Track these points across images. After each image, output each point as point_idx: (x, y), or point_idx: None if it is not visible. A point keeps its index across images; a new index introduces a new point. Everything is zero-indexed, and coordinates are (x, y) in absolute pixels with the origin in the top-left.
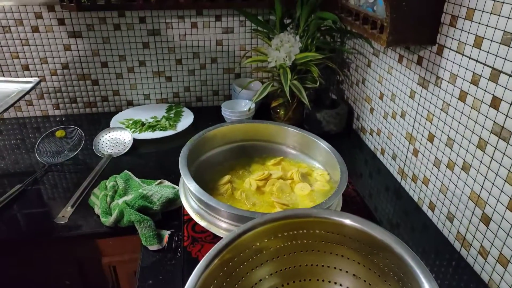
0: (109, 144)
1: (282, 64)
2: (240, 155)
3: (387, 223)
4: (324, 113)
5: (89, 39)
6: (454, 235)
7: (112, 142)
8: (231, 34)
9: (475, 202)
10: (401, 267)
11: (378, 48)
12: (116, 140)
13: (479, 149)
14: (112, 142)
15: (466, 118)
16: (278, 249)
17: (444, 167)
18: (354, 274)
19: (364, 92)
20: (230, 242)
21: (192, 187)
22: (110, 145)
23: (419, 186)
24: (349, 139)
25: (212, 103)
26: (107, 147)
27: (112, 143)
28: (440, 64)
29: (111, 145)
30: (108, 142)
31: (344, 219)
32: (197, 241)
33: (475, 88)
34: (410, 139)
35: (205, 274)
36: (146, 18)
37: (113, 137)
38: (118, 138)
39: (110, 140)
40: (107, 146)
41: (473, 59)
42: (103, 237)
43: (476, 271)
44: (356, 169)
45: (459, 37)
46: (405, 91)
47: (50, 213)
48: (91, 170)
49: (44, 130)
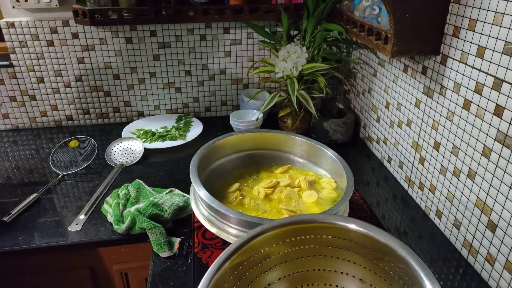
0: (120, 154)
1: (289, 74)
2: (248, 164)
3: (395, 231)
4: (331, 122)
5: (102, 52)
6: (461, 242)
7: (123, 152)
8: (239, 46)
9: (481, 209)
10: (406, 272)
11: (383, 58)
12: (128, 149)
13: (484, 157)
14: (123, 152)
15: (470, 126)
16: (286, 254)
17: (450, 174)
18: (360, 279)
19: (370, 101)
20: (240, 246)
21: (203, 194)
22: (121, 155)
23: (426, 194)
24: (356, 148)
25: (220, 113)
26: (118, 156)
27: (124, 153)
28: (444, 73)
29: (123, 154)
30: (120, 151)
31: (350, 224)
32: (207, 247)
33: (479, 97)
34: (416, 147)
35: (216, 278)
36: (156, 31)
37: (125, 147)
38: (129, 147)
39: (122, 150)
40: (119, 155)
41: (476, 68)
42: (115, 244)
43: (484, 278)
44: (363, 178)
45: (462, 47)
46: (411, 100)
47: (63, 221)
48: (104, 179)
49: (57, 141)
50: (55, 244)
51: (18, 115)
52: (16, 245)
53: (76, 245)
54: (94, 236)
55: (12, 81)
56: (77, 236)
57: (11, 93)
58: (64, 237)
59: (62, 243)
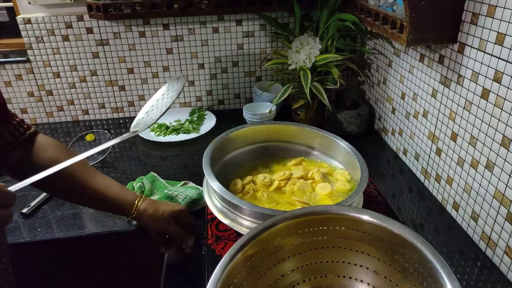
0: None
1: (302, 66)
2: (261, 156)
3: (411, 224)
4: (345, 114)
5: (116, 46)
6: (479, 235)
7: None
8: (251, 38)
9: (500, 201)
10: (422, 263)
11: (399, 48)
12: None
13: (503, 147)
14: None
15: (489, 116)
16: (299, 245)
17: (467, 166)
18: (374, 271)
19: (386, 92)
20: (252, 237)
21: (216, 186)
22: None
23: (442, 186)
24: (370, 140)
25: (234, 106)
26: None
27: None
28: (462, 62)
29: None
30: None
31: (363, 215)
32: (220, 239)
33: (498, 86)
34: (433, 138)
35: (229, 267)
36: (169, 25)
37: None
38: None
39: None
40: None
41: (495, 56)
42: (130, 236)
43: (503, 271)
44: (378, 170)
45: (480, 35)
46: (427, 90)
47: (81, 213)
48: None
49: (74, 135)
50: (73, 235)
51: (36, 110)
52: (35, 236)
53: (92, 237)
54: (109, 228)
55: (30, 76)
56: (93, 228)
57: (28, 88)
58: (81, 229)
59: (79, 235)
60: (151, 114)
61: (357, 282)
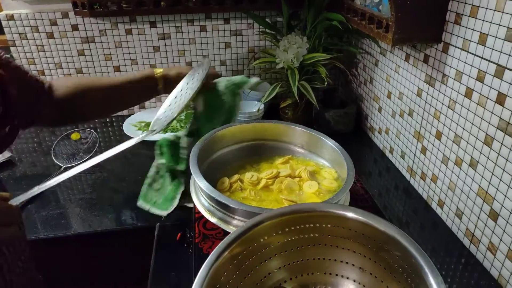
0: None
1: (290, 65)
2: (249, 154)
3: (397, 221)
4: (333, 113)
5: (102, 44)
6: (463, 232)
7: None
8: (239, 37)
9: (483, 198)
10: (406, 259)
11: (385, 48)
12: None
13: (486, 145)
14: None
15: (472, 115)
16: (286, 243)
17: (452, 164)
18: (360, 267)
19: (372, 91)
20: (239, 235)
21: (203, 184)
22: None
23: (427, 184)
24: (358, 139)
25: None
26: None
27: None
28: (446, 61)
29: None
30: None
31: (348, 212)
32: (208, 238)
33: (481, 85)
34: (418, 137)
35: (216, 266)
36: (156, 22)
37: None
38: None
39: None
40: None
41: (478, 56)
42: (117, 235)
43: (486, 267)
44: (366, 168)
45: (464, 35)
46: (413, 89)
47: (66, 213)
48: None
49: (59, 133)
50: (58, 235)
51: None
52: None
53: (79, 237)
54: (96, 228)
55: None
56: (80, 227)
57: None
58: (67, 229)
59: (64, 234)
60: (168, 111)
61: (343, 279)
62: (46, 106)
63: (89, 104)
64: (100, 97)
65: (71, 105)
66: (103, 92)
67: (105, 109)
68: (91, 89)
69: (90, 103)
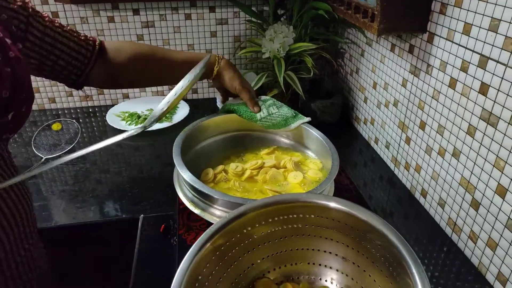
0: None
1: (276, 54)
2: (234, 145)
3: (381, 211)
4: (319, 103)
5: (83, 31)
6: (445, 221)
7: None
8: (225, 26)
9: (465, 187)
10: (387, 249)
11: (371, 38)
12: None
13: (469, 135)
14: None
15: (456, 105)
16: (269, 234)
17: (435, 154)
18: (343, 257)
19: (358, 81)
20: (221, 227)
21: (186, 175)
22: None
23: (411, 174)
24: (344, 129)
25: (208, 95)
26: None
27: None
28: (431, 52)
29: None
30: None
31: (330, 202)
32: (192, 229)
33: (465, 75)
34: (403, 127)
35: (198, 258)
36: (140, 10)
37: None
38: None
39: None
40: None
41: (462, 46)
42: (100, 227)
43: (467, 255)
44: (351, 159)
45: (449, 25)
46: (398, 79)
47: (49, 205)
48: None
49: (40, 124)
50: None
51: None
52: None
53: (60, 228)
54: (79, 220)
55: None
56: (62, 219)
57: None
58: (48, 220)
59: (48, 226)
60: (163, 106)
61: (326, 269)
62: (96, 66)
63: (143, 75)
64: (155, 71)
65: (125, 70)
66: (160, 67)
67: (156, 82)
68: (150, 61)
69: (145, 74)
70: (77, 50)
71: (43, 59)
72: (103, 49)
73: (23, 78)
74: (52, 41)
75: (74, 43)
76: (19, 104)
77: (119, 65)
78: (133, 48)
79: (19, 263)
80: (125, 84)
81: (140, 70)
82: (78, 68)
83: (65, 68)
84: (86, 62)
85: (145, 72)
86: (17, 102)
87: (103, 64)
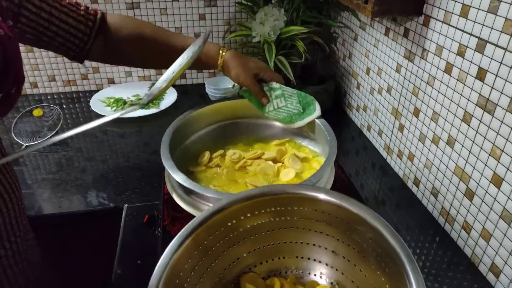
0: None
1: (266, 38)
2: (248, 131)
3: (373, 200)
4: (311, 89)
5: None
6: (438, 211)
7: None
8: (214, 8)
9: (460, 176)
10: (378, 242)
11: (364, 21)
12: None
13: (464, 123)
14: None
15: (451, 91)
16: (256, 227)
17: (429, 142)
18: (333, 251)
19: (351, 67)
20: (203, 220)
21: (166, 164)
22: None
23: (404, 162)
24: (336, 116)
25: (196, 80)
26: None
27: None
28: (426, 35)
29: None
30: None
31: (319, 193)
32: (177, 220)
33: (461, 60)
34: (396, 114)
35: (178, 253)
36: None
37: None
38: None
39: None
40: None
41: (459, 29)
42: (83, 218)
43: (460, 245)
44: (343, 147)
45: (445, 7)
46: (391, 65)
47: (31, 194)
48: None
49: (22, 110)
50: None
51: None
52: None
53: (47, 218)
54: (64, 209)
55: None
56: (48, 209)
57: None
58: (31, 210)
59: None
60: (162, 84)
61: (315, 263)
62: (96, 42)
63: (141, 57)
64: (155, 55)
65: (123, 49)
66: (160, 52)
67: (156, 65)
68: (150, 44)
69: (144, 56)
70: (76, 26)
71: (40, 34)
72: (104, 24)
73: (12, 57)
74: (49, 17)
75: (73, 19)
76: (9, 85)
77: (119, 43)
78: (136, 27)
79: (3, 257)
80: (121, 62)
81: (139, 51)
82: (76, 45)
83: (63, 44)
84: (86, 39)
85: (144, 54)
86: (6, 83)
87: (103, 41)
